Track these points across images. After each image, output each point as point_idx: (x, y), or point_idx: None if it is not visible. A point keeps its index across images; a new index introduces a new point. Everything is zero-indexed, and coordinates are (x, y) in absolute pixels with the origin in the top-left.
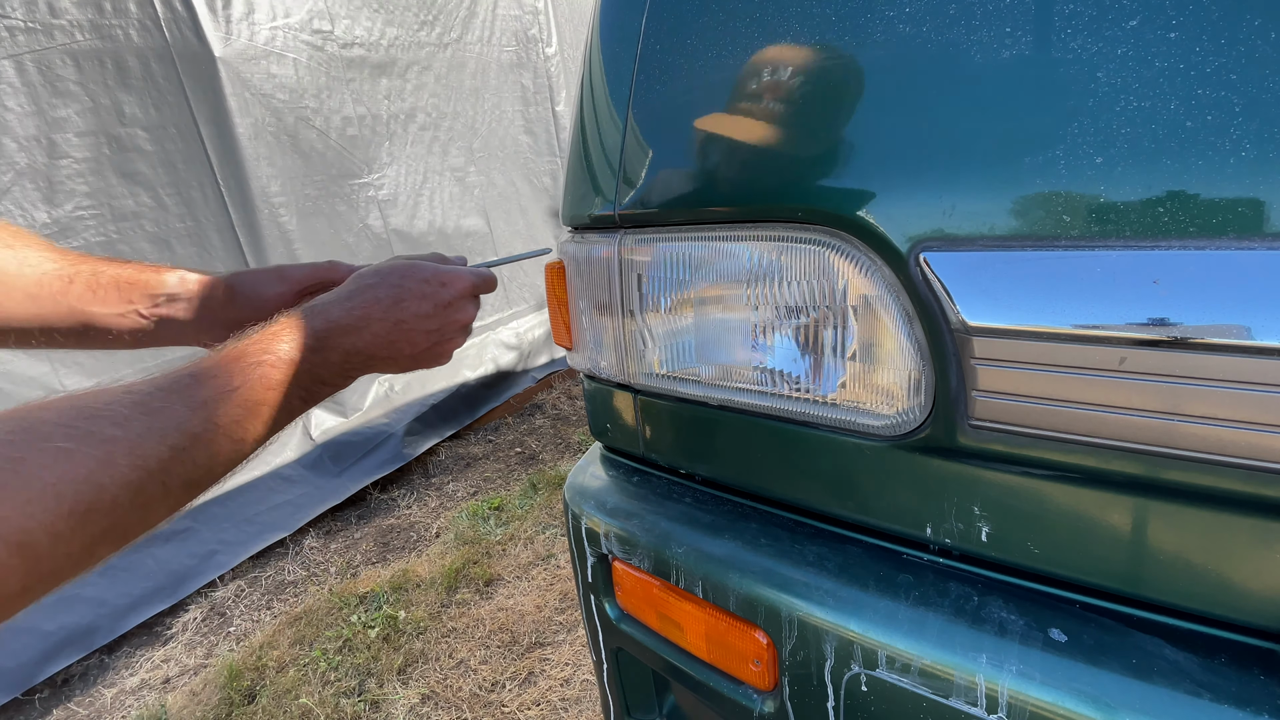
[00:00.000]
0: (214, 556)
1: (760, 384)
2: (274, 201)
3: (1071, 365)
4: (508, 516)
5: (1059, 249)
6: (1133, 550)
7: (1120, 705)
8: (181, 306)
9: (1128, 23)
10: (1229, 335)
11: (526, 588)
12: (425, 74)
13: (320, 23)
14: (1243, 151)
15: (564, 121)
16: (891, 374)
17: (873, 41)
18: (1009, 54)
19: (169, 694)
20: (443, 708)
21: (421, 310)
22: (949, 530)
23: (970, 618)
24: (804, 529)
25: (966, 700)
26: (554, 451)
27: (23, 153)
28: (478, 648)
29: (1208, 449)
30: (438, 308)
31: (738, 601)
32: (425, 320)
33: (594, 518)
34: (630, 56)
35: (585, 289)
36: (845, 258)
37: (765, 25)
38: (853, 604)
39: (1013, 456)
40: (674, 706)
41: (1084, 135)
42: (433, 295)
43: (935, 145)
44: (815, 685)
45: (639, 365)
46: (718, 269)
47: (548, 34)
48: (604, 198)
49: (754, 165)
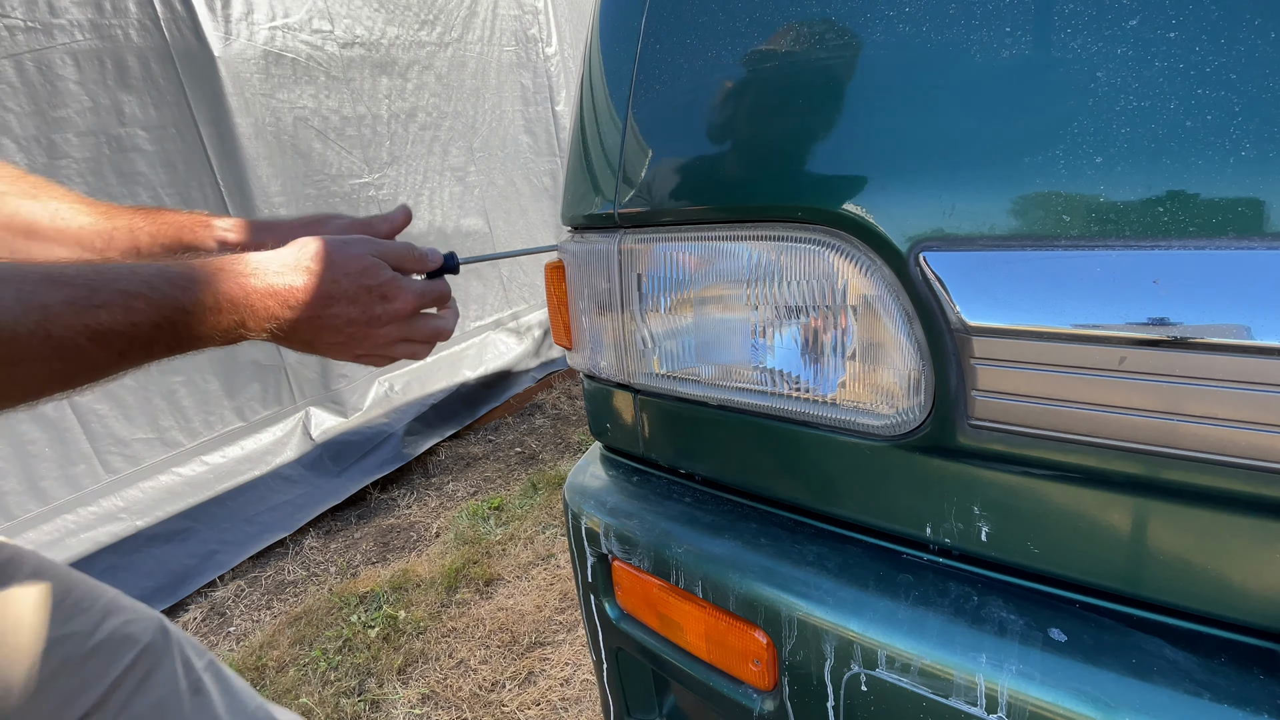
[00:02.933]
0: (214, 556)
1: (760, 384)
2: (274, 201)
3: (1071, 365)
4: (508, 516)
5: (1059, 249)
6: (1133, 550)
7: (1120, 705)
8: None
9: (1128, 23)
10: (1229, 335)
11: (526, 588)
12: (426, 73)
13: (320, 22)
14: (1243, 151)
15: (564, 121)
16: (891, 374)
17: (872, 41)
18: (1009, 54)
19: None
20: (443, 708)
21: (350, 315)
22: (949, 530)
23: (970, 617)
24: (804, 529)
25: (966, 700)
26: (554, 451)
27: (22, 153)
28: (478, 647)
29: (1208, 449)
30: (368, 319)
31: (738, 601)
32: (350, 326)
33: (594, 517)
34: (630, 56)
35: (585, 289)
36: (845, 258)
37: (765, 25)
38: (852, 604)
39: (1013, 456)
40: (674, 706)
41: (1084, 135)
42: (366, 306)
43: (935, 145)
44: (815, 685)
45: (639, 365)
46: (718, 269)
47: (548, 34)
48: (604, 197)
49: (754, 165)
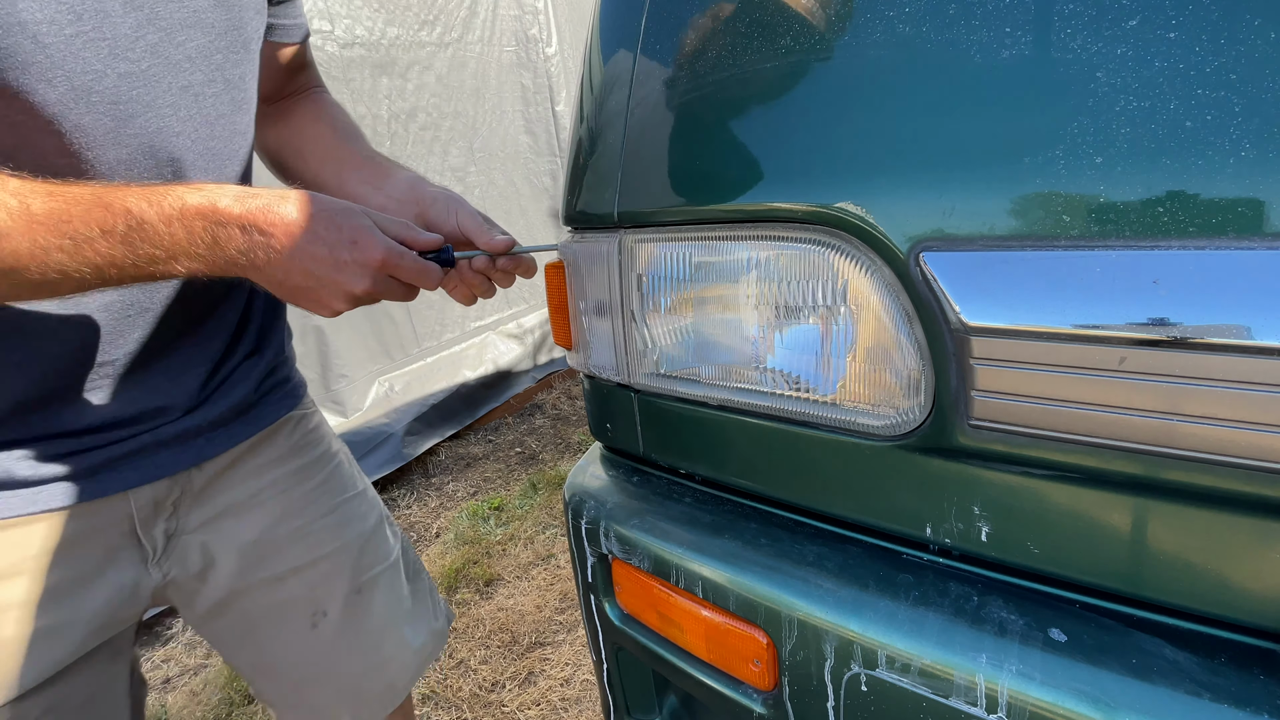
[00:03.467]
0: None
1: (760, 384)
2: None
3: (1071, 365)
4: (508, 516)
5: (1058, 249)
6: (1133, 550)
7: (1120, 705)
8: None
9: (1128, 23)
10: (1229, 335)
11: (526, 588)
12: (426, 74)
13: (320, 22)
14: (1243, 151)
15: (564, 121)
16: (891, 374)
17: (872, 41)
18: (1008, 54)
19: (169, 694)
20: (443, 708)
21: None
22: (949, 530)
23: (970, 617)
24: (804, 529)
25: (966, 700)
26: (554, 451)
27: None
28: (478, 648)
29: (1208, 449)
30: (334, 262)
31: (738, 601)
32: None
33: (594, 518)
34: (630, 56)
35: (585, 289)
36: (845, 258)
37: (765, 25)
38: (852, 604)
39: (1013, 456)
40: (674, 706)
41: (1084, 135)
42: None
43: (935, 145)
44: (815, 685)
45: (639, 365)
46: (718, 269)
47: (548, 34)
48: (604, 197)
49: (754, 165)
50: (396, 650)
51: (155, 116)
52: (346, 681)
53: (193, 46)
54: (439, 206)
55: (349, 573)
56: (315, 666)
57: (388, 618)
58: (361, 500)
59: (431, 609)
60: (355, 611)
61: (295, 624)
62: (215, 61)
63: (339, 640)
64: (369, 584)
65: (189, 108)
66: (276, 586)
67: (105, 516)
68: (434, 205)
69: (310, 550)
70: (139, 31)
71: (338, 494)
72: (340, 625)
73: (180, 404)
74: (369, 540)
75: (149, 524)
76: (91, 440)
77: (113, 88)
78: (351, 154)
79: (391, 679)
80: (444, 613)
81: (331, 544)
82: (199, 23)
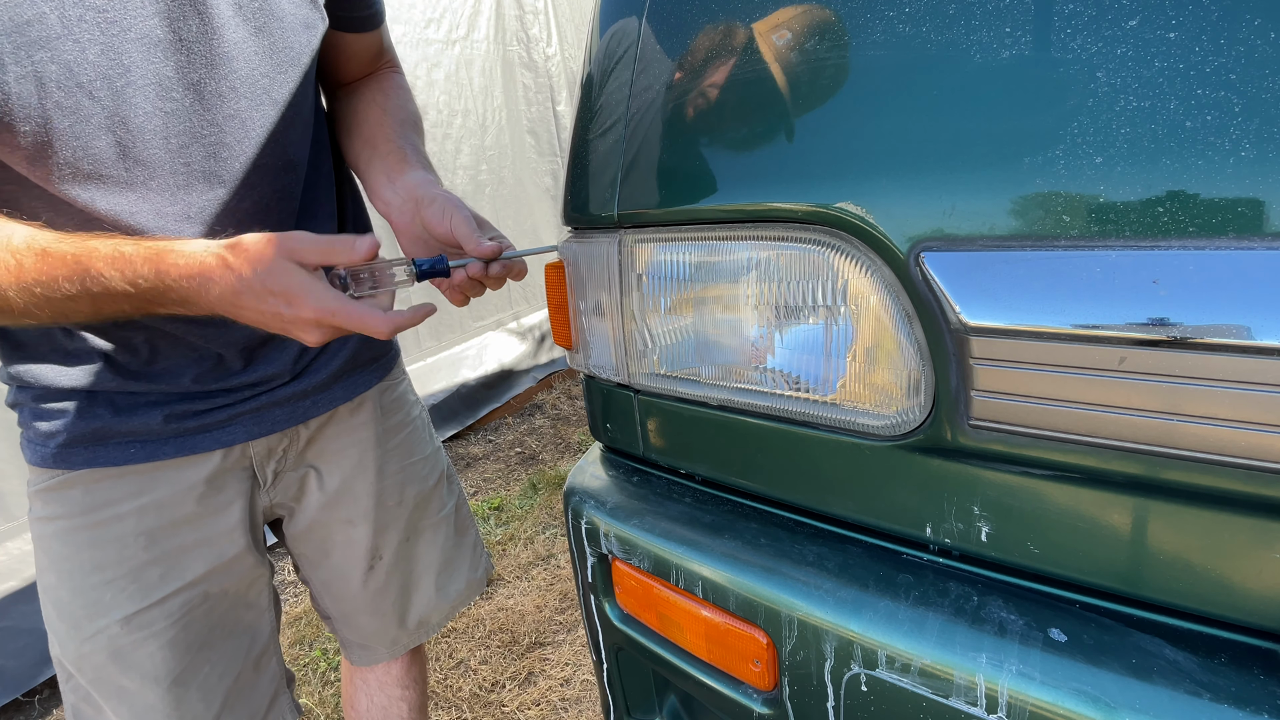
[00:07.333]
0: None
1: (760, 384)
2: None
3: (1071, 365)
4: (508, 516)
5: (1059, 249)
6: (1133, 550)
7: (1120, 705)
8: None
9: (1127, 23)
10: (1229, 335)
11: (526, 588)
12: (435, 71)
13: None
14: (1242, 151)
15: (565, 121)
16: (891, 374)
17: (872, 41)
18: (1009, 54)
19: None
20: (443, 708)
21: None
22: (949, 530)
23: (970, 618)
24: (804, 529)
25: (966, 700)
26: (554, 451)
27: None
28: (478, 648)
29: (1208, 449)
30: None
31: (738, 601)
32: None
33: (594, 517)
34: (630, 56)
35: (585, 289)
36: (845, 258)
37: (764, 26)
38: (852, 604)
39: (1013, 456)
40: (674, 706)
41: (1084, 135)
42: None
43: (935, 145)
44: (815, 685)
45: (639, 365)
46: (718, 269)
47: (548, 34)
48: (604, 198)
49: (754, 165)
50: (434, 593)
51: (200, 147)
52: (389, 612)
53: (236, 78)
54: (435, 209)
55: (404, 524)
56: (366, 597)
57: (430, 564)
58: (424, 463)
59: (471, 560)
60: (403, 556)
61: (357, 561)
62: (261, 85)
63: (389, 579)
64: (417, 534)
65: (235, 133)
66: (348, 528)
67: (235, 459)
68: (431, 207)
69: (378, 503)
70: (181, 73)
71: (406, 457)
72: (391, 566)
73: (286, 372)
74: (428, 498)
75: (263, 464)
76: (224, 399)
77: (161, 126)
78: (385, 139)
79: (424, 616)
80: (484, 565)
81: (394, 499)
82: (240, 54)
